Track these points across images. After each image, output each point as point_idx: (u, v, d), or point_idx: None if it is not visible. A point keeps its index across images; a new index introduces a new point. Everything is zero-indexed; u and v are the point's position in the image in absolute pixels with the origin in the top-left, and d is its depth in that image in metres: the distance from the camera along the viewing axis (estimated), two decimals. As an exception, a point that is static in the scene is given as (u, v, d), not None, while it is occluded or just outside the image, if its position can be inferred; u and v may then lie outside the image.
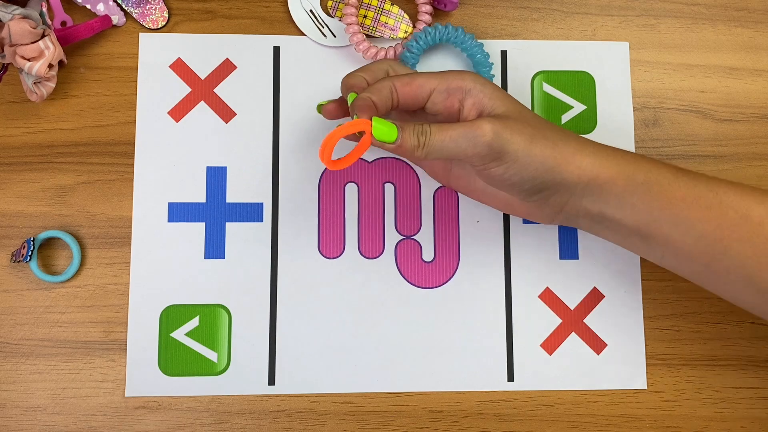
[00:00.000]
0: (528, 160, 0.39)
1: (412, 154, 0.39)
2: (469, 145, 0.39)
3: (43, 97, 0.48)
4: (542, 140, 0.40)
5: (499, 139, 0.39)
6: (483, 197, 0.46)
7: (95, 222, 0.50)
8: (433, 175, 0.48)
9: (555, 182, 0.40)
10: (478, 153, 0.39)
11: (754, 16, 0.55)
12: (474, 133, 0.39)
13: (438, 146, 0.39)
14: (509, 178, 0.40)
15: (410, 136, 0.39)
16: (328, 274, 0.50)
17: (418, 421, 0.49)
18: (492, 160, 0.39)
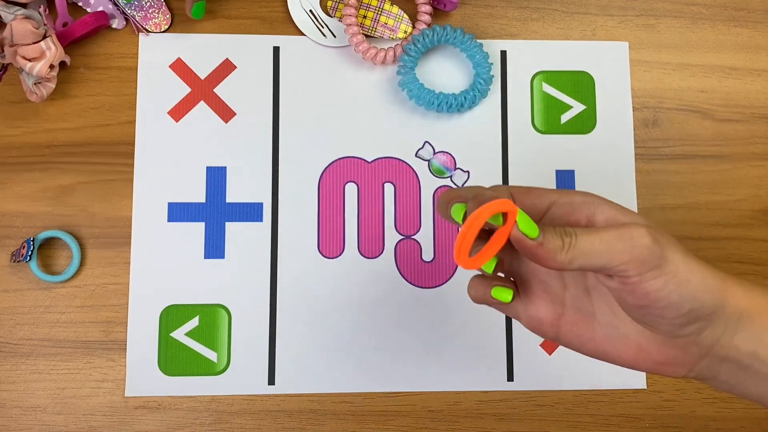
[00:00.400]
0: (688, 275, 0.32)
1: (555, 257, 0.31)
2: (626, 248, 0.31)
3: (43, 97, 0.48)
4: (695, 258, 0.33)
5: (658, 244, 0.32)
6: (604, 346, 0.35)
7: (95, 222, 0.50)
8: (538, 324, 0.36)
9: (715, 309, 0.33)
10: (636, 258, 0.31)
11: (754, 16, 0.55)
12: (630, 234, 0.31)
13: (587, 248, 0.31)
14: (667, 296, 0.32)
15: (553, 235, 0.32)
16: (328, 274, 0.50)
17: (418, 421, 0.49)
18: (651, 268, 0.31)
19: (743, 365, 0.34)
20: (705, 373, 0.35)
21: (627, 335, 0.34)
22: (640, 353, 0.34)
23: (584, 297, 0.36)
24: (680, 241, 0.53)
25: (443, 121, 0.52)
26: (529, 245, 0.31)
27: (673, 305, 0.32)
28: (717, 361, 0.34)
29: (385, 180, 0.52)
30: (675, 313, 0.32)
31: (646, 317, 0.33)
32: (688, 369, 0.35)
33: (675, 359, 0.34)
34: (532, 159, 0.52)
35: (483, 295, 0.35)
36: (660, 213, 0.52)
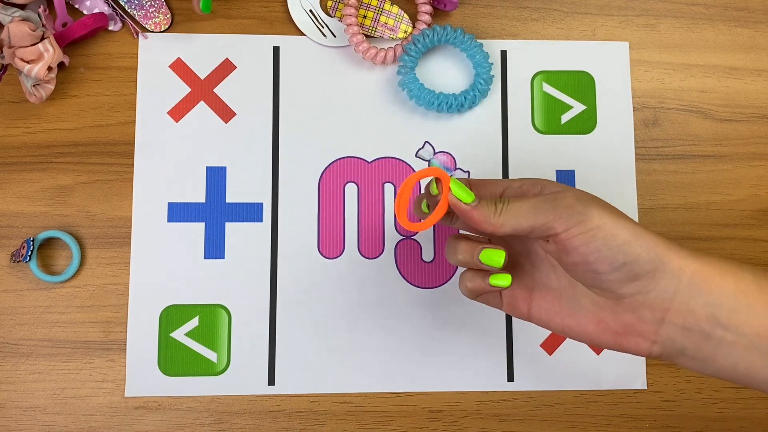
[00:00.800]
0: (616, 230, 0.34)
1: (488, 219, 0.36)
2: (549, 207, 0.35)
3: (42, 99, 0.48)
4: (629, 219, 0.35)
5: (581, 202, 0.35)
6: (568, 321, 0.38)
7: (95, 222, 0.50)
8: (513, 301, 0.40)
9: (654, 265, 0.34)
10: (560, 215, 0.34)
11: (754, 16, 0.55)
12: (555, 197, 0.35)
13: (515, 211, 0.35)
14: (597, 249, 0.34)
15: (488, 202, 0.36)
16: (328, 274, 0.50)
17: (418, 421, 0.49)
18: (576, 224, 0.34)
19: (706, 334, 0.34)
20: (670, 347, 0.35)
21: (586, 307, 0.37)
22: (599, 324, 0.36)
23: (550, 273, 0.39)
24: (680, 241, 0.53)
25: (443, 121, 0.52)
26: (463, 208, 0.36)
27: (603, 258, 0.34)
28: (678, 331, 0.35)
29: (385, 180, 0.51)
30: (608, 266, 0.34)
31: (587, 276, 0.36)
32: (650, 341, 0.35)
33: (632, 328, 0.35)
34: (532, 159, 0.52)
35: (479, 285, 0.39)
36: (660, 213, 0.52)
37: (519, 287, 0.40)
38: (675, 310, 0.34)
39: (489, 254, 0.37)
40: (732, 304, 0.34)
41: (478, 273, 0.39)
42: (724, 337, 0.34)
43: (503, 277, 0.38)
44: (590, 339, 0.37)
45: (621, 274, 0.34)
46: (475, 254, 0.37)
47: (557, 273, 0.39)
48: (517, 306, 0.40)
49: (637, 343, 0.36)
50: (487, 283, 0.38)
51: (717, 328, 0.34)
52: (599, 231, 0.34)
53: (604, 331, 0.36)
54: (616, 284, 0.35)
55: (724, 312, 0.34)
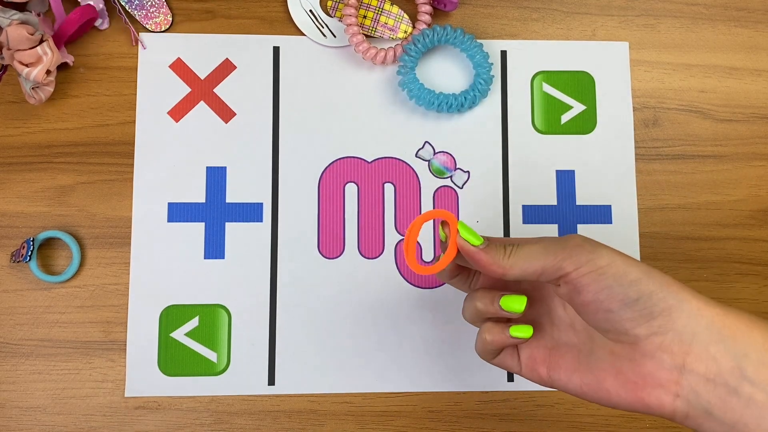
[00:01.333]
0: (626, 267, 0.33)
1: (498, 261, 0.35)
2: (559, 249, 0.34)
3: (42, 101, 0.48)
4: (639, 261, 0.35)
5: (590, 244, 0.34)
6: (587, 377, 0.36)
7: (95, 222, 0.50)
8: (533, 363, 0.38)
9: (669, 303, 0.32)
10: (569, 254, 0.34)
11: (754, 16, 0.55)
12: (564, 239, 0.35)
13: (525, 253, 0.35)
14: (608, 287, 0.33)
15: (497, 244, 0.36)
16: (328, 274, 0.50)
17: (418, 421, 0.49)
18: (585, 262, 0.34)
19: (732, 388, 0.31)
20: (695, 402, 0.32)
21: (603, 358, 0.35)
22: (618, 377, 0.34)
23: (569, 330, 0.38)
24: (680, 241, 0.53)
25: (443, 121, 0.52)
26: (471, 250, 0.36)
27: (615, 295, 0.33)
28: (701, 383, 0.32)
29: (385, 180, 0.51)
30: (620, 303, 0.33)
31: (599, 318, 0.34)
32: (672, 394, 0.33)
33: (652, 377, 0.33)
34: (532, 159, 0.52)
35: (499, 337, 0.37)
36: (660, 213, 0.52)
37: (538, 347, 0.38)
38: (695, 355, 0.32)
39: (509, 300, 0.36)
40: (759, 356, 0.31)
41: (497, 325, 0.38)
42: (753, 396, 0.31)
43: (524, 328, 0.37)
44: (610, 397, 0.34)
45: (634, 312, 0.33)
46: (495, 301, 0.37)
47: (576, 329, 0.37)
48: (535, 368, 0.38)
49: (659, 398, 0.33)
50: (507, 335, 0.37)
51: (744, 383, 0.31)
52: (609, 268, 0.33)
53: (623, 385, 0.34)
54: (629, 323, 0.33)
55: (752, 364, 0.31)
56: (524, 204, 0.52)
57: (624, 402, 0.34)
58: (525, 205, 0.52)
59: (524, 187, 0.52)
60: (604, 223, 0.52)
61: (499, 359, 0.39)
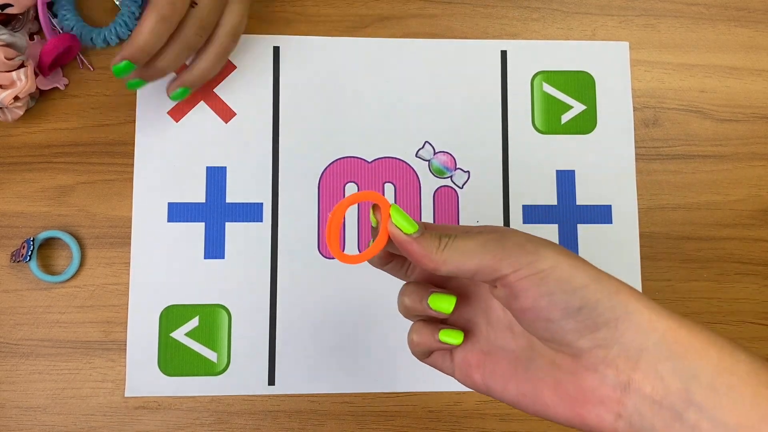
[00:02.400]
0: (570, 271, 0.30)
1: (429, 254, 0.31)
2: (497, 246, 0.31)
3: (8, 120, 0.48)
4: (584, 261, 0.31)
5: (531, 242, 0.31)
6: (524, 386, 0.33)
7: (95, 222, 0.50)
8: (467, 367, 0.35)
9: (616, 313, 0.29)
10: (508, 255, 0.30)
11: (754, 16, 0.55)
12: (503, 235, 0.31)
13: (461, 247, 0.31)
14: (549, 292, 0.30)
15: (431, 234, 0.32)
16: (328, 274, 0.50)
17: (418, 421, 0.49)
18: (525, 265, 0.30)
19: (677, 413, 0.28)
20: (638, 425, 0.29)
21: (542, 368, 0.32)
22: (557, 389, 0.31)
23: (507, 333, 0.34)
24: (680, 241, 0.53)
25: (443, 121, 0.52)
26: (403, 239, 0.32)
27: (556, 303, 0.29)
28: (647, 405, 0.29)
29: (385, 180, 0.51)
30: (561, 312, 0.29)
31: (538, 327, 0.31)
32: (614, 413, 0.29)
33: (594, 393, 0.30)
34: (532, 159, 0.52)
35: (428, 340, 0.34)
36: (660, 213, 0.52)
37: (472, 350, 0.35)
38: (642, 372, 0.29)
39: (438, 300, 0.33)
40: (710, 380, 0.28)
41: (427, 326, 0.34)
42: (698, 424, 0.28)
43: (454, 333, 0.34)
44: (547, 410, 0.32)
45: (577, 323, 0.29)
46: (423, 299, 0.33)
47: (514, 333, 0.34)
48: (469, 373, 0.34)
49: (599, 416, 0.30)
50: (436, 338, 0.34)
51: (690, 409, 0.28)
52: (552, 272, 0.30)
53: (562, 399, 0.31)
54: (572, 334, 0.30)
55: (700, 388, 0.28)
56: (524, 204, 0.52)
57: (562, 417, 0.31)
58: (525, 205, 0.52)
59: (524, 187, 0.52)
60: (604, 223, 0.52)
61: (431, 360, 0.36)
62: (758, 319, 0.51)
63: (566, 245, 0.51)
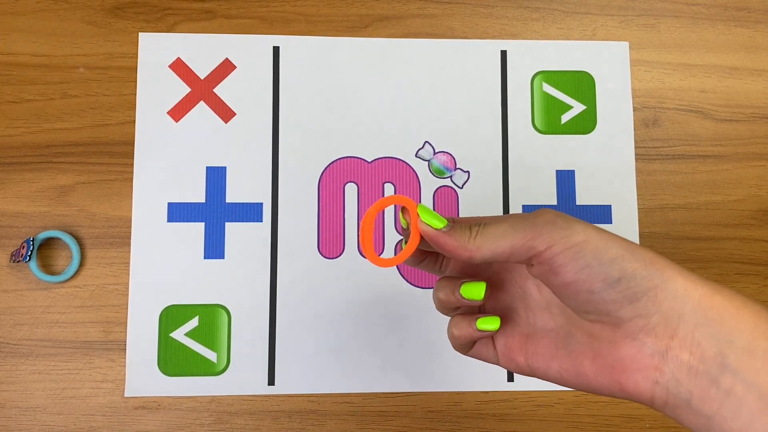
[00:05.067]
0: (603, 243, 0.30)
1: (463, 244, 0.32)
2: (528, 225, 0.31)
3: None
4: (616, 234, 0.31)
5: (562, 218, 0.31)
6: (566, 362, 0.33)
7: (95, 222, 0.50)
8: (509, 352, 0.36)
9: (654, 282, 0.30)
10: (540, 232, 0.31)
11: (754, 16, 0.55)
12: (534, 214, 0.32)
13: (492, 232, 0.32)
14: (587, 265, 0.30)
15: (461, 225, 0.33)
16: (328, 274, 0.50)
17: (418, 421, 0.49)
18: (559, 240, 0.30)
19: (712, 377, 0.29)
20: (674, 391, 0.30)
21: (581, 341, 0.33)
22: (596, 360, 0.32)
23: (545, 313, 0.35)
24: (680, 241, 0.53)
25: (443, 121, 0.52)
26: (434, 234, 0.33)
27: (596, 275, 0.30)
28: (684, 371, 0.29)
29: (385, 180, 0.51)
30: (602, 283, 0.30)
31: (580, 299, 0.31)
32: (652, 380, 0.30)
33: (632, 361, 0.30)
34: (532, 159, 0.52)
35: (467, 331, 0.35)
36: (660, 213, 0.52)
37: (513, 335, 0.35)
38: (680, 339, 0.29)
39: (469, 288, 0.34)
40: (746, 343, 0.28)
41: (464, 318, 0.35)
42: (732, 388, 0.28)
43: (491, 320, 0.34)
44: (588, 381, 0.32)
45: (617, 293, 0.30)
46: (456, 290, 0.34)
47: (552, 312, 0.35)
48: (513, 357, 0.35)
49: (636, 383, 0.30)
50: (474, 328, 0.35)
51: (725, 373, 0.28)
52: (586, 245, 0.30)
53: (601, 369, 0.32)
54: (613, 305, 0.30)
55: (735, 352, 0.28)
56: (524, 204, 0.52)
57: (602, 386, 0.32)
58: (525, 205, 0.52)
59: (524, 187, 0.52)
60: (604, 223, 0.52)
61: (474, 351, 0.37)
62: (758, 319, 0.51)
63: (566, 245, 0.51)
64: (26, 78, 0.51)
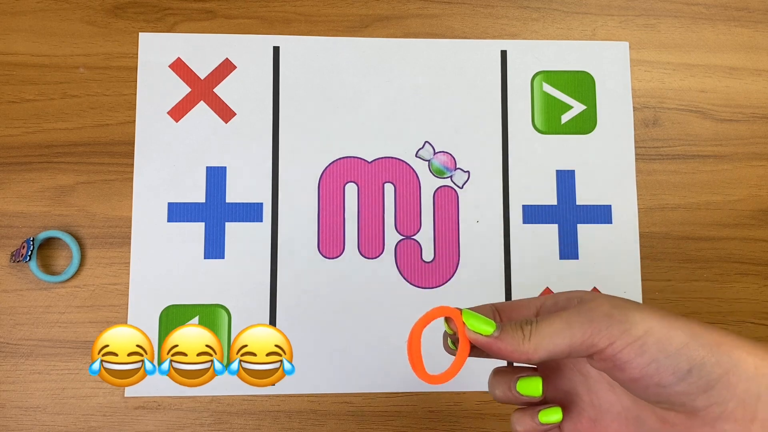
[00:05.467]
0: (667, 332, 0.29)
1: (517, 347, 0.31)
2: (585, 321, 0.30)
3: None
4: (678, 315, 0.30)
5: (620, 310, 0.30)
6: None
7: (95, 222, 0.50)
8: None
9: (722, 366, 0.28)
10: (598, 328, 0.29)
11: (754, 16, 0.55)
12: (588, 307, 0.30)
13: (546, 331, 0.30)
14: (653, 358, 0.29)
15: (512, 326, 0.31)
16: (328, 274, 0.50)
17: (418, 421, 0.49)
18: (620, 335, 0.29)
19: None
20: None
21: (656, 429, 0.31)
22: None
23: (610, 395, 0.33)
24: (680, 241, 0.53)
25: (443, 121, 0.52)
26: (485, 341, 0.32)
27: (664, 369, 0.29)
28: None
29: (385, 180, 0.51)
30: (672, 377, 0.29)
31: (650, 393, 0.30)
32: None
33: None
34: (532, 159, 0.52)
35: (530, 426, 0.33)
36: (660, 213, 0.52)
37: (580, 420, 0.33)
38: (761, 421, 0.28)
39: (525, 384, 0.33)
40: None
41: (525, 413, 0.34)
42: None
43: (553, 411, 0.33)
44: None
45: (689, 385, 0.28)
46: (512, 386, 0.33)
47: (617, 393, 0.33)
48: None
49: None
50: (537, 422, 0.33)
51: None
52: (649, 337, 0.29)
53: None
54: (686, 396, 0.29)
55: None
56: (524, 204, 0.52)
57: None
58: (525, 204, 0.52)
59: (524, 187, 0.52)
60: (604, 223, 0.52)
61: None
62: (758, 319, 0.51)
63: (566, 245, 0.51)
64: (26, 78, 0.51)
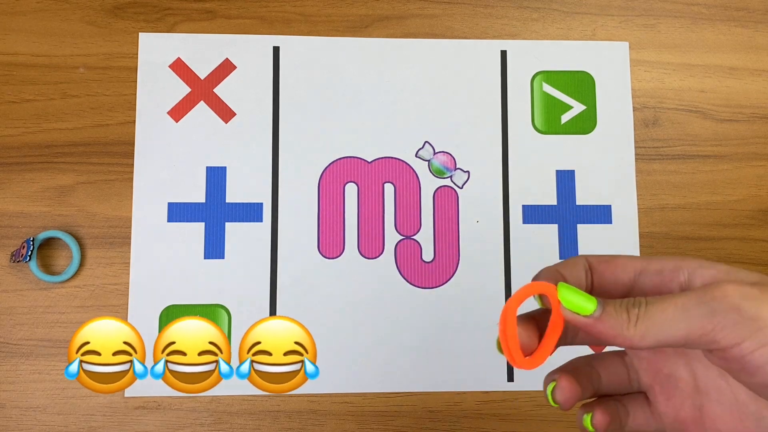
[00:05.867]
0: None
1: (622, 332, 0.26)
2: (706, 313, 0.25)
3: None
4: None
5: (751, 302, 0.25)
6: None
7: (95, 222, 0.50)
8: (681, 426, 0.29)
9: None
10: (722, 324, 0.25)
11: (754, 16, 0.55)
12: (712, 295, 0.25)
13: (659, 317, 0.25)
14: None
15: (616, 307, 0.26)
16: (328, 274, 0.50)
17: (418, 421, 0.49)
18: (748, 336, 0.24)
19: None
20: None
21: None
22: None
23: (720, 381, 0.28)
24: (680, 241, 0.53)
25: (443, 121, 0.52)
26: (584, 322, 0.27)
27: None
28: None
29: (385, 180, 0.51)
30: None
31: None
32: None
33: None
34: (532, 159, 0.52)
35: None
36: (660, 213, 0.52)
37: (683, 407, 0.29)
38: None
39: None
40: None
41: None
42: None
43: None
44: None
45: None
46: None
47: (730, 382, 0.28)
48: (681, 419, 0.29)
49: None
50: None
51: None
52: None
53: None
54: None
55: None
56: (524, 204, 0.52)
57: None
58: (525, 205, 0.52)
59: (524, 187, 0.52)
60: (604, 223, 0.52)
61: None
62: (758, 319, 0.51)
63: (566, 245, 0.51)
64: (26, 78, 0.51)
